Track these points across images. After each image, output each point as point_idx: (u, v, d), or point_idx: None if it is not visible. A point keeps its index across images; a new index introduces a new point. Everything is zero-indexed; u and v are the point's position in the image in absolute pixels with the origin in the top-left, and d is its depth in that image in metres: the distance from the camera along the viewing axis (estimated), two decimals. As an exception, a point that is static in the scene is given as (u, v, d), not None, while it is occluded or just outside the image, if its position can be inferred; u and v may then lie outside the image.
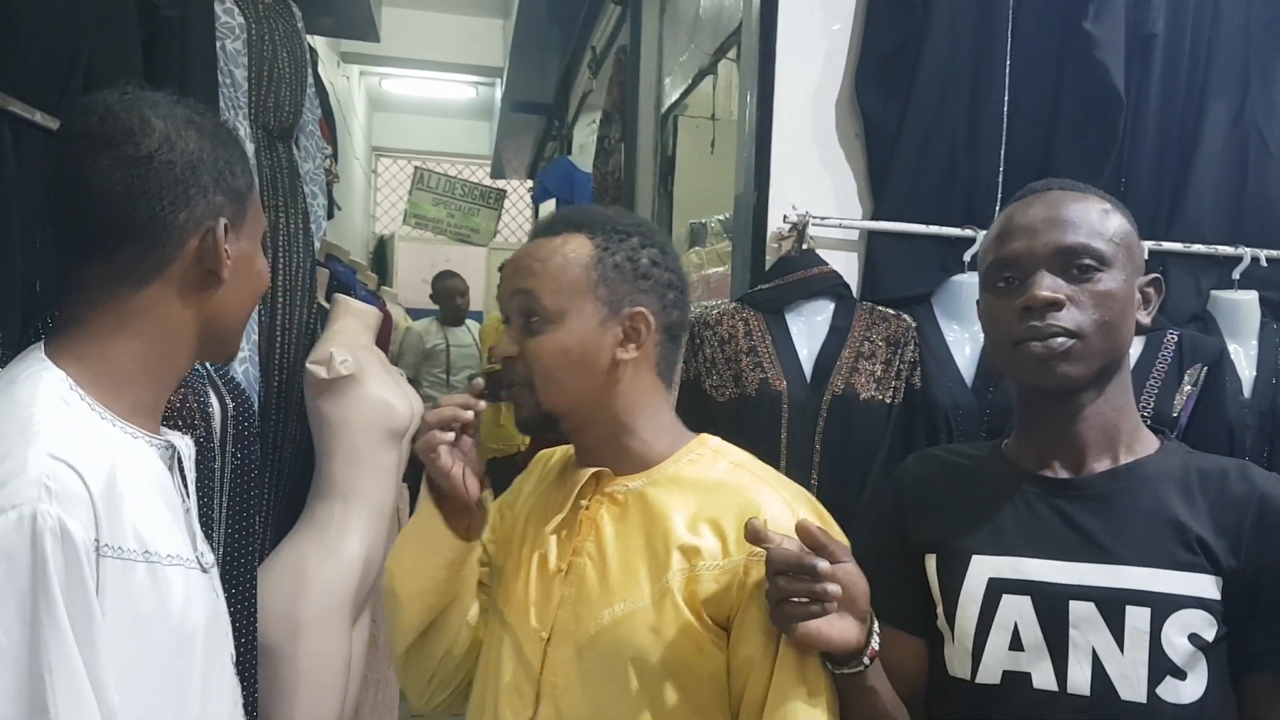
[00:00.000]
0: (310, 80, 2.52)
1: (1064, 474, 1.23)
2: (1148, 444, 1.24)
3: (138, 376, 1.04)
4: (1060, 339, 1.17)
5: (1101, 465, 1.22)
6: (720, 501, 1.17)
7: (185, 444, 1.11)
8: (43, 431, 0.92)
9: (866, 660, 1.08)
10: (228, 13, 2.17)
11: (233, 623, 1.76)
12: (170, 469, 1.08)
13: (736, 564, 1.13)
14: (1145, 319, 1.23)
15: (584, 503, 1.22)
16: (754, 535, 1.04)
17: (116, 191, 1.01)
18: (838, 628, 1.05)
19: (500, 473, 5.78)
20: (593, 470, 1.22)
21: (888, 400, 1.93)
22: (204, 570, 1.08)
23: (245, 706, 1.72)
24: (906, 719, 1.17)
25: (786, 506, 1.16)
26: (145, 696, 0.96)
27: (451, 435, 1.16)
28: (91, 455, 0.93)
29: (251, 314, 1.15)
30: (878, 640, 1.09)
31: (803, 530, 1.04)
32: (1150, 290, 1.24)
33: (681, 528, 1.16)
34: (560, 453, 1.37)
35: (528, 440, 4.87)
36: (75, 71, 1.63)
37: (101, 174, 1.01)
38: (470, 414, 1.17)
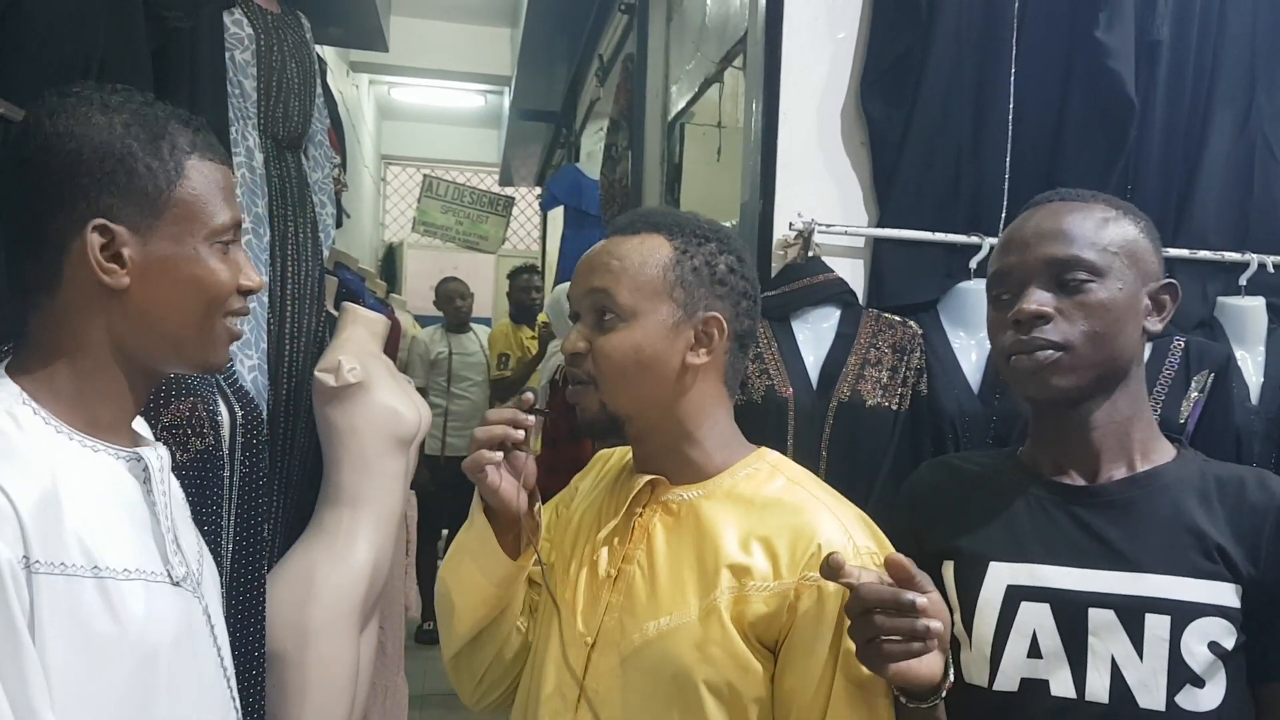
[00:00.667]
0: (319, 90, 2.53)
1: (1079, 481, 1.23)
2: (1164, 452, 1.24)
3: (83, 389, 1.02)
4: (1046, 352, 1.18)
5: (1118, 472, 1.22)
6: (774, 521, 1.15)
7: (156, 456, 1.08)
8: None
9: (943, 693, 1.05)
10: (236, 24, 2.18)
11: (242, 630, 1.78)
12: (145, 481, 1.06)
13: (787, 587, 1.11)
14: (1156, 325, 1.23)
15: (638, 510, 1.22)
16: (831, 571, 1.01)
17: (8, 195, 1.00)
18: (927, 664, 1.01)
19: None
20: (649, 478, 1.21)
21: (894, 407, 1.93)
22: (174, 583, 1.05)
23: (254, 713, 1.73)
24: None
25: (844, 530, 1.14)
26: (101, 714, 0.94)
27: (500, 455, 1.15)
28: (26, 471, 0.92)
29: (210, 320, 1.06)
30: (953, 672, 1.07)
31: (894, 565, 1.01)
32: (1165, 297, 1.23)
33: (733, 545, 1.14)
34: (619, 454, 1.36)
35: (539, 448, 4.87)
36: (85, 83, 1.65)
37: (2, 177, 1.01)
38: (520, 432, 1.15)
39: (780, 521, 1.15)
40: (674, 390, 1.19)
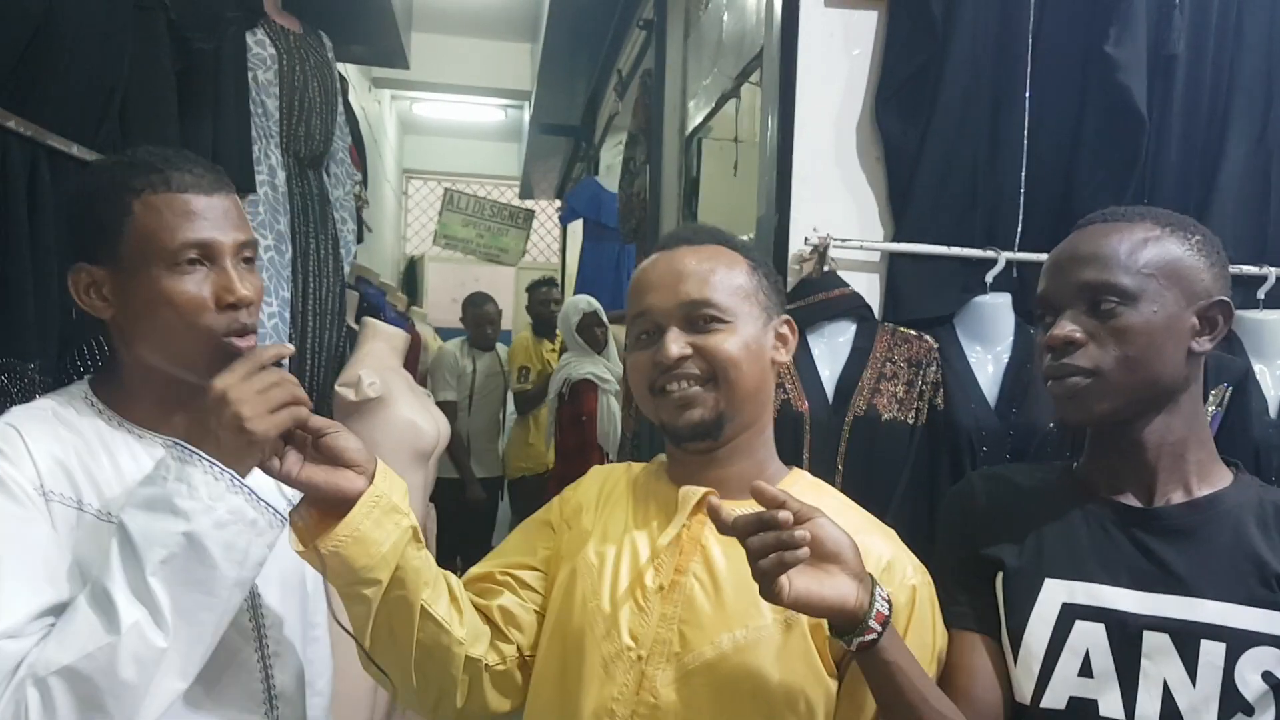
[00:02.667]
0: (340, 109, 2.57)
1: (1136, 502, 1.22)
2: (1221, 475, 1.23)
3: (129, 391, 1.20)
4: (1075, 379, 1.18)
5: (1175, 495, 1.21)
6: None
7: None
8: (16, 412, 1.15)
9: (875, 625, 1.03)
10: (259, 44, 2.22)
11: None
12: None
13: None
14: (1205, 346, 1.20)
15: (686, 522, 1.22)
16: (713, 512, 1.02)
17: None
18: (829, 585, 1.01)
19: (529, 491, 5.64)
20: (704, 490, 1.22)
21: (910, 421, 1.94)
22: None
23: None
24: (947, 706, 1.12)
25: (900, 546, 1.21)
26: None
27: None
28: (49, 433, 1.12)
29: (191, 338, 1.14)
30: (885, 604, 1.05)
31: (757, 491, 1.01)
32: (1216, 315, 1.20)
33: None
34: (621, 469, 1.36)
35: (553, 460, 4.88)
36: (111, 104, 1.68)
37: None
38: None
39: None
40: (766, 386, 1.25)
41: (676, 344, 1.19)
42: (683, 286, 1.21)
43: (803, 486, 1.25)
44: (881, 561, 1.15)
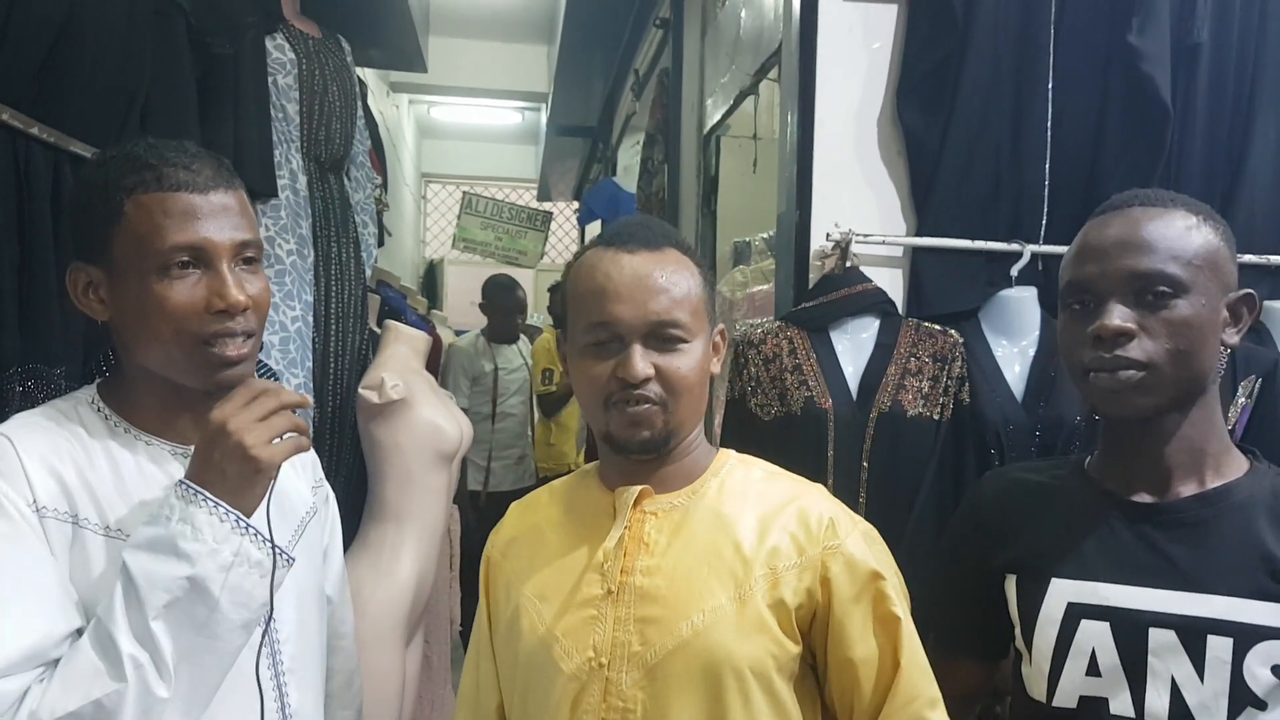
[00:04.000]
0: (360, 113, 2.57)
1: (1148, 498, 1.20)
2: (1236, 465, 1.21)
3: (132, 396, 1.17)
4: (1129, 372, 1.14)
5: (1188, 489, 1.19)
6: (778, 505, 1.20)
7: None
8: (14, 421, 1.11)
9: None
10: (279, 49, 2.22)
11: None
12: None
13: (814, 559, 1.15)
14: (1234, 338, 1.18)
15: (626, 523, 1.21)
16: None
17: None
18: None
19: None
20: (640, 487, 1.22)
21: (935, 417, 1.92)
22: None
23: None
24: None
25: (834, 503, 1.23)
26: None
27: None
28: (45, 442, 1.08)
29: (180, 343, 1.11)
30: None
31: None
32: (1242, 307, 1.18)
33: (750, 533, 1.18)
34: (545, 495, 1.36)
35: (580, 459, 4.87)
36: (132, 110, 1.69)
37: None
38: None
39: (783, 505, 1.20)
40: (706, 396, 1.24)
41: (644, 363, 1.17)
42: (652, 304, 1.17)
43: (732, 464, 1.27)
44: (824, 519, 1.18)
